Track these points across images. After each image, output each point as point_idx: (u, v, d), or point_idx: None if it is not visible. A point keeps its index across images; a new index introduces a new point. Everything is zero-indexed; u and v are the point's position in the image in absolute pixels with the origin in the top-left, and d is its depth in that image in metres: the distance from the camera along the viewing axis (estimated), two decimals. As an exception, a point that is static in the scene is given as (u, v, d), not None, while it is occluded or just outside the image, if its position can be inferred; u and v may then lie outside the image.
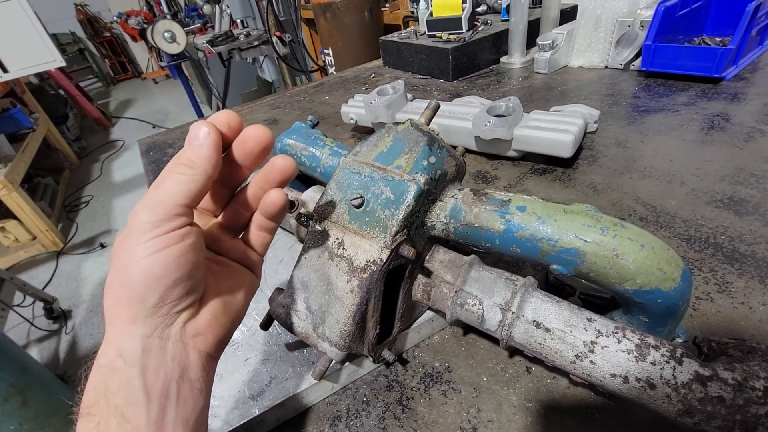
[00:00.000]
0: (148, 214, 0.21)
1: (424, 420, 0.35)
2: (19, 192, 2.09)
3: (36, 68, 1.81)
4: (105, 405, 0.20)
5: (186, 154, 0.23)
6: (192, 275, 0.23)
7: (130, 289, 0.21)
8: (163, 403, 0.21)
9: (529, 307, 0.30)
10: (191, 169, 0.22)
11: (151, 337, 0.21)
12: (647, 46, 0.81)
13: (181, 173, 0.22)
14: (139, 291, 0.21)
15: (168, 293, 0.22)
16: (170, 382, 0.21)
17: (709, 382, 0.24)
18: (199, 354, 0.23)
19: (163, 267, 0.21)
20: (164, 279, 0.21)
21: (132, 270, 0.21)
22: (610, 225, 0.28)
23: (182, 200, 0.22)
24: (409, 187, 0.31)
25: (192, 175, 0.22)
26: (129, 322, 0.21)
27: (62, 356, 1.68)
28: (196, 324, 0.23)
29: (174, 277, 0.21)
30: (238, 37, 2.37)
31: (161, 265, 0.21)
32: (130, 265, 0.21)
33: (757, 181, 0.52)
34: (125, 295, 0.21)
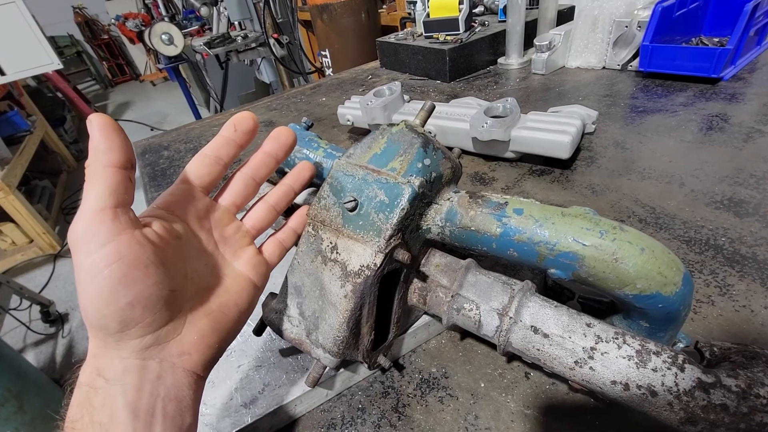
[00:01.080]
0: (76, 231, 0.19)
1: (421, 427, 0.34)
2: (16, 195, 2.08)
3: (33, 71, 1.80)
4: (89, 421, 0.20)
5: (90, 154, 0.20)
6: (152, 293, 0.20)
7: (88, 316, 0.20)
8: (149, 420, 0.20)
9: (527, 312, 0.30)
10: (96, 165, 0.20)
11: (129, 358, 0.20)
12: (645, 47, 0.80)
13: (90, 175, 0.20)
14: (96, 318, 0.20)
15: (127, 317, 0.20)
16: (156, 401, 0.21)
17: (713, 390, 0.24)
18: (185, 373, 0.22)
19: (108, 290, 0.19)
20: (115, 303, 0.19)
21: (84, 298, 0.19)
22: (609, 228, 0.27)
23: (100, 203, 0.19)
24: (404, 189, 0.30)
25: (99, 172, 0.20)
26: (102, 345, 0.20)
27: (59, 360, 1.67)
28: (181, 343, 0.22)
29: (126, 299, 0.19)
30: (236, 39, 2.37)
31: (106, 289, 0.19)
32: (81, 293, 0.19)
33: (756, 181, 0.52)
34: (88, 321, 0.20)
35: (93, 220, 0.19)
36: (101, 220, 0.19)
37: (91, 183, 0.20)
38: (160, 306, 0.21)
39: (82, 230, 0.19)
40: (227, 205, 0.29)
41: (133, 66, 5.98)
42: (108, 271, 0.19)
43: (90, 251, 0.19)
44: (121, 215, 0.20)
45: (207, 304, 0.25)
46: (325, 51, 2.11)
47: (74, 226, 0.19)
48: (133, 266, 0.20)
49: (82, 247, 0.19)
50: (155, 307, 0.21)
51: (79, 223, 0.19)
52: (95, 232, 0.19)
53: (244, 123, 0.27)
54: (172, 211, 0.25)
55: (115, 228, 0.20)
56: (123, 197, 0.20)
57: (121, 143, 0.21)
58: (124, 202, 0.20)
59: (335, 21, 1.99)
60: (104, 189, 0.20)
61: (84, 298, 0.19)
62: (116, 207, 0.20)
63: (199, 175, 0.27)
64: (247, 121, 0.27)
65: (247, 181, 0.30)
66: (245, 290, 0.28)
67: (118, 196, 0.20)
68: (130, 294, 0.20)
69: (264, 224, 0.31)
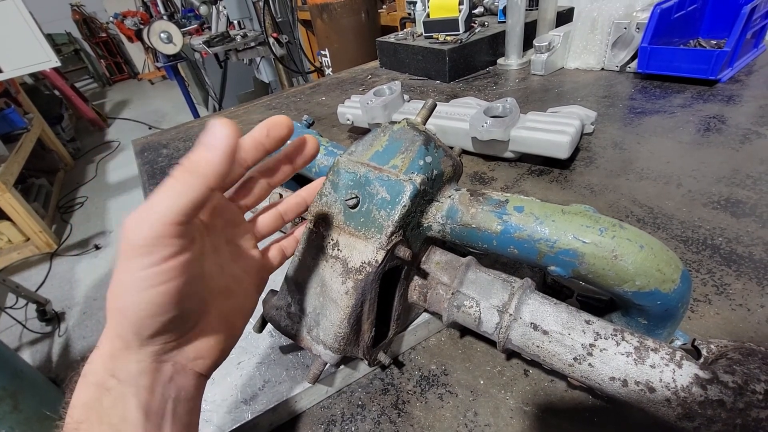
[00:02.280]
0: (138, 235, 0.18)
1: (420, 424, 0.34)
2: (12, 193, 2.07)
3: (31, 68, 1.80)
4: (98, 422, 0.19)
5: (192, 155, 0.19)
6: (192, 309, 0.21)
7: (123, 319, 0.19)
8: (159, 422, 0.20)
9: (527, 310, 0.30)
10: (192, 175, 0.19)
11: (146, 360, 0.20)
12: (643, 48, 0.81)
13: (178, 180, 0.18)
14: (133, 324, 0.19)
15: (164, 328, 0.20)
16: (167, 402, 0.21)
17: (709, 386, 0.24)
18: (195, 375, 0.22)
19: (158, 305, 0.19)
20: (160, 317, 0.19)
21: (126, 301, 0.19)
22: (608, 226, 0.28)
23: (177, 217, 0.18)
24: (405, 187, 0.30)
25: (191, 185, 0.18)
26: (123, 348, 0.20)
27: (55, 359, 1.66)
28: (197, 347, 0.22)
29: (171, 314, 0.19)
30: (235, 38, 2.37)
31: (156, 303, 0.19)
32: (124, 294, 0.19)
33: (753, 182, 0.52)
34: (119, 322, 0.19)
35: (163, 231, 0.18)
36: (172, 234, 0.18)
37: (177, 188, 0.18)
38: (195, 317, 0.21)
39: (148, 237, 0.18)
40: (240, 206, 0.28)
41: (131, 64, 5.96)
42: (164, 287, 0.19)
43: (151, 262, 0.18)
44: (190, 233, 0.19)
45: (220, 307, 0.24)
46: (325, 50, 2.11)
47: (138, 229, 0.18)
48: (189, 283, 0.19)
49: (141, 254, 0.18)
50: (191, 319, 0.21)
51: (144, 227, 0.18)
52: (163, 245, 0.18)
53: (278, 129, 0.25)
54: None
55: (182, 246, 0.19)
56: (196, 214, 0.19)
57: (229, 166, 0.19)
58: (194, 217, 0.19)
59: (335, 20, 1.99)
60: (188, 202, 0.18)
61: (126, 302, 0.19)
62: (189, 223, 0.19)
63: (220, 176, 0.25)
64: (281, 128, 0.25)
65: (263, 184, 0.28)
66: (249, 294, 0.28)
67: (197, 214, 0.19)
68: (176, 310, 0.19)
69: (270, 230, 0.30)
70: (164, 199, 0.18)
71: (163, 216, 0.18)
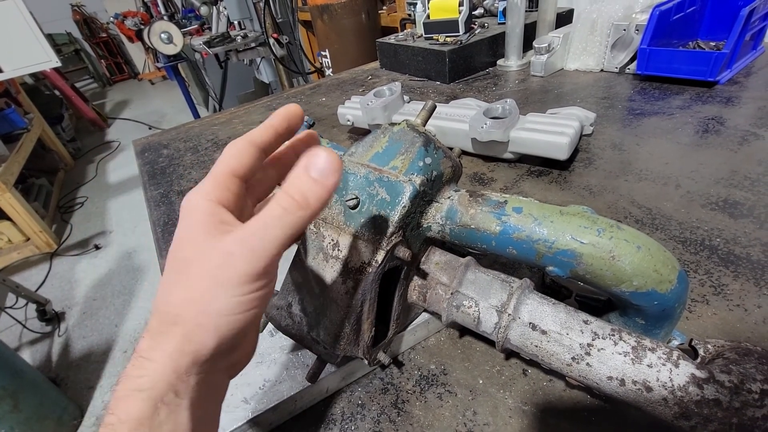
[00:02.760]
0: (246, 263, 0.18)
1: (420, 423, 0.34)
2: (12, 193, 2.07)
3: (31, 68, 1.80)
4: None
5: (301, 187, 0.19)
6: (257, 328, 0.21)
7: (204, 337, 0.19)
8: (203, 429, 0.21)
9: (526, 310, 0.30)
10: (303, 210, 0.18)
11: (201, 374, 0.20)
12: (642, 50, 0.81)
13: (288, 211, 0.18)
14: (215, 344, 0.19)
15: (233, 349, 0.20)
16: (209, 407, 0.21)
17: (706, 385, 0.24)
18: (227, 378, 0.23)
19: (241, 330, 0.19)
20: (237, 341, 0.19)
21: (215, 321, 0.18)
22: (606, 227, 0.28)
23: (282, 249, 0.18)
24: (405, 188, 0.31)
25: (301, 218, 0.18)
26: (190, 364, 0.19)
27: (55, 359, 1.66)
28: (239, 356, 0.23)
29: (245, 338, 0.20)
30: (235, 39, 2.37)
31: (240, 329, 0.19)
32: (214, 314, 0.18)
33: (751, 184, 0.52)
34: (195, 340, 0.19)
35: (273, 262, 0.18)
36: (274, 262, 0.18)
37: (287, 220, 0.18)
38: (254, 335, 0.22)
39: (262, 268, 0.18)
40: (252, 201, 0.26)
41: (131, 64, 5.97)
42: (253, 313, 0.19)
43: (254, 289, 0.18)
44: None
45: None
46: (325, 51, 2.11)
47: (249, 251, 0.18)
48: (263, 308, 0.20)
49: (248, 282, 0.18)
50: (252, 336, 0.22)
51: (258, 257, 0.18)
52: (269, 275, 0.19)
53: (296, 121, 0.24)
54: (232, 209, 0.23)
55: (275, 269, 0.19)
56: None
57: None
58: None
59: (335, 21, 2.00)
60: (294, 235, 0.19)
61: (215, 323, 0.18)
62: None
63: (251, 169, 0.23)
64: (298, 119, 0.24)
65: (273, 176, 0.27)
66: None
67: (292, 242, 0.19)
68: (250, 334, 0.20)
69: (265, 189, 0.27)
70: (278, 230, 0.18)
71: (276, 248, 0.18)
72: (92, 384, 1.51)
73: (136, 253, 2.20)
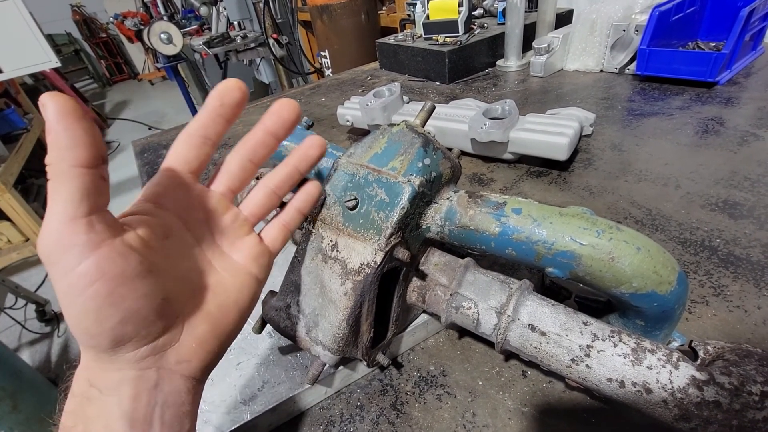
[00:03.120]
0: (47, 239, 0.17)
1: (419, 425, 0.34)
2: (12, 193, 2.07)
3: (31, 69, 1.80)
4: (84, 431, 0.19)
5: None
6: (142, 307, 0.19)
7: (76, 336, 0.18)
8: (147, 429, 0.19)
9: (525, 311, 0.30)
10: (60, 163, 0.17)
11: (125, 369, 0.19)
12: (642, 51, 0.81)
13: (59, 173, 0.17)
14: (85, 338, 0.18)
15: (119, 335, 0.18)
16: (153, 409, 0.20)
17: (706, 387, 0.24)
18: (184, 379, 0.21)
19: (95, 311, 0.17)
20: (103, 323, 0.18)
21: (66, 317, 0.18)
22: (605, 228, 0.28)
23: (74, 210, 0.17)
24: (404, 188, 0.31)
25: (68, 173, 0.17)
26: (94, 359, 0.19)
27: (54, 359, 1.66)
28: (179, 351, 0.21)
29: (115, 319, 0.18)
30: (235, 39, 2.37)
31: (92, 310, 0.17)
32: (63, 309, 0.18)
33: (751, 184, 0.52)
34: (77, 339, 0.18)
35: (64, 232, 0.17)
36: (74, 232, 0.17)
37: (57, 187, 0.17)
38: (153, 317, 0.19)
39: (53, 244, 0.17)
40: (222, 192, 0.25)
41: (131, 65, 5.97)
42: (90, 290, 0.17)
43: (66, 270, 0.17)
44: (96, 224, 0.17)
45: (205, 307, 0.23)
46: (325, 52, 2.11)
47: (43, 239, 0.17)
48: (117, 282, 0.18)
49: (56, 264, 0.17)
50: (147, 320, 0.19)
51: (48, 235, 0.17)
52: (69, 246, 0.17)
53: (230, 94, 0.23)
54: (160, 203, 0.23)
55: (92, 240, 0.17)
56: (97, 201, 0.17)
57: (88, 135, 0.17)
58: (98, 206, 0.18)
59: (335, 22, 2.00)
60: (74, 194, 0.17)
61: (69, 318, 0.18)
62: (90, 214, 0.17)
63: (186, 159, 0.23)
64: (233, 91, 0.23)
65: (244, 163, 0.26)
66: (246, 286, 0.25)
67: (92, 202, 0.17)
68: (118, 313, 0.18)
69: (264, 211, 0.27)
70: (54, 199, 0.17)
71: (59, 216, 0.17)
72: (91, 385, 1.51)
73: (136, 254, 2.20)
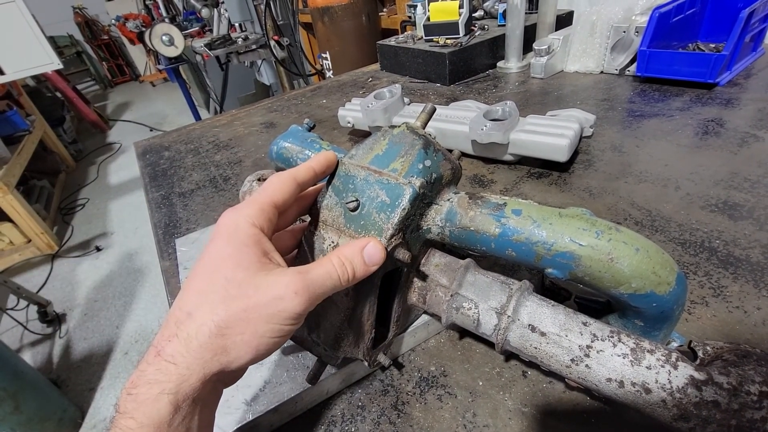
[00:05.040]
0: (300, 304, 0.22)
1: (420, 425, 0.34)
2: (14, 194, 2.08)
3: (33, 70, 1.81)
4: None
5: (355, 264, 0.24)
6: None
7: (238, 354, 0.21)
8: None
9: (525, 311, 0.30)
10: (347, 282, 0.24)
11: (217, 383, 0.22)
12: (642, 52, 0.81)
13: (342, 277, 0.24)
14: (244, 361, 0.21)
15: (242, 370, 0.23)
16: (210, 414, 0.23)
17: (705, 387, 0.24)
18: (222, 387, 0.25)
19: (270, 353, 0.22)
20: (260, 360, 0.23)
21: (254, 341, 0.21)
22: (605, 229, 0.28)
23: (323, 299, 0.23)
24: (405, 190, 0.31)
25: (343, 286, 0.24)
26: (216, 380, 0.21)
27: (56, 360, 1.66)
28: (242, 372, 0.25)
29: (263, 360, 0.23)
30: (236, 41, 2.38)
31: (269, 352, 0.22)
32: (256, 333, 0.21)
33: (751, 185, 0.53)
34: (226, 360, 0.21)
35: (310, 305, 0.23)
36: (312, 306, 0.23)
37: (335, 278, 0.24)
38: None
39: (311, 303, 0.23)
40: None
41: (132, 66, 5.98)
42: (282, 339, 0.22)
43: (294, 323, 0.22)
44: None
45: None
46: (326, 53, 2.12)
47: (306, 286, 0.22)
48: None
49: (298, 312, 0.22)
50: None
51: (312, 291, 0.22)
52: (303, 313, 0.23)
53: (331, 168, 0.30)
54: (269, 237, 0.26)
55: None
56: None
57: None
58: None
59: (336, 24, 2.00)
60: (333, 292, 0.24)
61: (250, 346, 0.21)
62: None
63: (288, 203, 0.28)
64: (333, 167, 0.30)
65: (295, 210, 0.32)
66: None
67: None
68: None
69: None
70: (327, 280, 0.23)
71: (323, 292, 0.23)
72: (93, 386, 1.51)
73: (137, 255, 2.21)
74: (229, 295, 0.21)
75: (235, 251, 0.22)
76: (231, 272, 0.21)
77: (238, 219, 0.23)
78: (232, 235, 0.22)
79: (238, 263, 0.22)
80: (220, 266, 0.22)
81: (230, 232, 0.23)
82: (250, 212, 0.23)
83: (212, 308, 0.21)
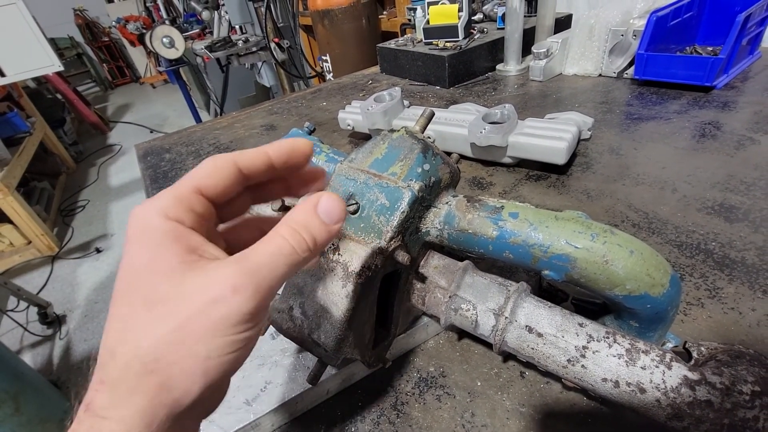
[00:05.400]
0: (247, 301, 0.16)
1: (419, 425, 0.35)
2: (14, 196, 2.08)
3: (34, 72, 1.81)
4: None
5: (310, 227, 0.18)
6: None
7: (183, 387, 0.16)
8: None
9: (522, 313, 0.31)
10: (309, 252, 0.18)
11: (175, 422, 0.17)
12: (640, 55, 0.82)
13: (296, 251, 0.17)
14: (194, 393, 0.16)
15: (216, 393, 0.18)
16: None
17: (698, 386, 0.25)
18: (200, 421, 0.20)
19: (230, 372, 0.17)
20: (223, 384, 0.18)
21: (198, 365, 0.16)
22: (600, 231, 0.28)
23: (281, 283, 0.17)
24: (404, 193, 0.31)
25: (304, 260, 0.18)
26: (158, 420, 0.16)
27: (56, 362, 1.67)
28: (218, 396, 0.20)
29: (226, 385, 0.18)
30: (237, 43, 2.39)
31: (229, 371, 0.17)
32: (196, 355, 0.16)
33: (747, 188, 0.53)
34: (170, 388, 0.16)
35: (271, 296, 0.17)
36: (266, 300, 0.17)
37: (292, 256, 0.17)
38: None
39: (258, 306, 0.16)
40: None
41: (133, 68, 6.00)
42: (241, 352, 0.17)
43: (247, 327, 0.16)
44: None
45: None
46: (326, 56, 2.12)
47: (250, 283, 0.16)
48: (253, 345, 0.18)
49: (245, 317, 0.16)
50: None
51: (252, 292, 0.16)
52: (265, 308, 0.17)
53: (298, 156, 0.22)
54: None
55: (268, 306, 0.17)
56: None
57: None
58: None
59: (336, 26, 2.01)
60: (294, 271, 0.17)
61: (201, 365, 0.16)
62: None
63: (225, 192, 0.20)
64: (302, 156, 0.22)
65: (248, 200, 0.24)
66: None
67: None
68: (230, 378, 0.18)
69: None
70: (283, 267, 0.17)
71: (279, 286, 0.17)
72: (93, 387, 1.51)
73: (138, 256, 2.21)
74: (151, 316, 0.16)
75: (150, 256, 0.17)
76: (149, 285, 0.16)
77: (147, 214, 0.18)
78: (142, 236, 0.17)
79: (154, 271, 0.17)
80: (136, 280, 0.17)
81: (139, 233, 0.17)
82: (161, 204, 0.18)
83: (135, 339, 0.16)
